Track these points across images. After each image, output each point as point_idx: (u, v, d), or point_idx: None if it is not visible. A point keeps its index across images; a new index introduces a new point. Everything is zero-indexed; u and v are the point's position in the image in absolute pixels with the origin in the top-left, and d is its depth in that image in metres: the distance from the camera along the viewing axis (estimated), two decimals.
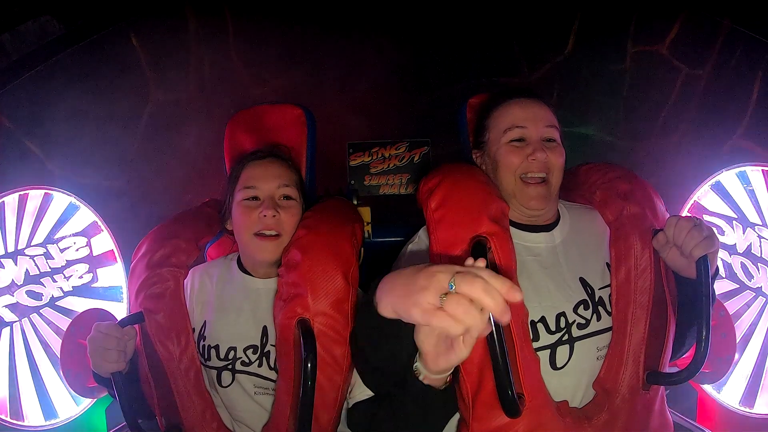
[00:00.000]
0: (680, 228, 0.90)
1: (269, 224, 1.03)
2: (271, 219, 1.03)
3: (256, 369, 1.05)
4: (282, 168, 1.10)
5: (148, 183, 1.81)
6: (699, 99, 1.78)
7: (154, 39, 1.81)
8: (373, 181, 1.97)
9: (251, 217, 1.04)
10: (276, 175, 1.08)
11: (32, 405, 1.50)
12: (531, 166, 0.99)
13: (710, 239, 0.90)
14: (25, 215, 1.54)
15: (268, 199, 1.05)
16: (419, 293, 0.61)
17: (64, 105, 1.69)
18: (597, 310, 0.98)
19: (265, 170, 1.08)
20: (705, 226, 0.91)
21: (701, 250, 0.89)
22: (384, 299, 0.68)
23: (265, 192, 1.06)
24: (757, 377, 1.48)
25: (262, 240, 1.04)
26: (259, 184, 1.06)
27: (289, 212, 1.06)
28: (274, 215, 1.03)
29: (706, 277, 0.89)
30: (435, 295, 0.59)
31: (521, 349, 0.88)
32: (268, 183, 1.06)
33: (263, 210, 1.03)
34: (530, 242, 1.02)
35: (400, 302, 0.64)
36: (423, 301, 0.60)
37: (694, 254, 0.89)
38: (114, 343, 0.96)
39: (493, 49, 1.92)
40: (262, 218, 1.03)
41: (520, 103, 1.04)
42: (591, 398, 0.96)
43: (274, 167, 1.09)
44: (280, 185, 1.07)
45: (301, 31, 1.88)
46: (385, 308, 0.68)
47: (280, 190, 1.07)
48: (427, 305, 0.59)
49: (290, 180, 1.09)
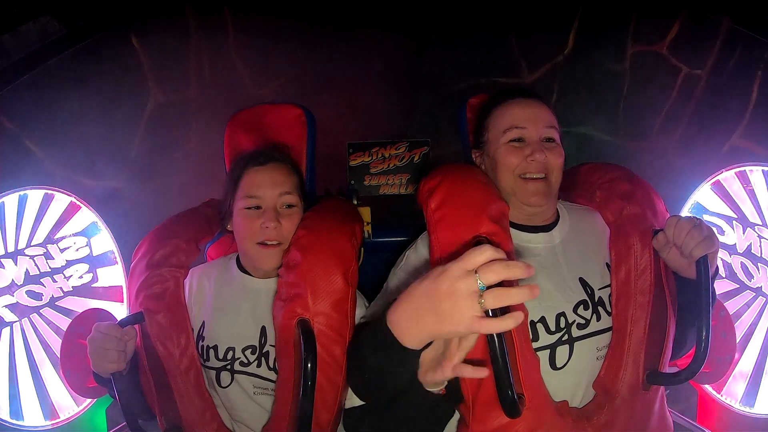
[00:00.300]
0: (680, 228, 0.90)
1: (271, 236, 1.04)
2: (273, 231, 1.03)
3: (255, 369, 1.05)
4: (283, 174, 1.10)
5: (148, 183, 1.81)
6: (699, 99, 1.78)
7: (155, 39, 1.81)
8: (373, 181, 1.97)
9: (253, 226, 1.04)
10: (278, 182, 1.07)
11: (32, 405, 1.50)
12: (530, 166, 0.99)
13: (710, 239, 0.89)
14: (25, 215, 1.54)
15: (271, 210, 1.05)
16: (456, 310, 0.58)
17: (64, 105, 1.69)
18: (597, 310, 0.98)
19: (267, 178, 1.07)
20: (705, 226, 0.91)
21: (701, 251, 0.89)
22: (410, 332, 0.66)
23: (267, 202, 1.06)
24: (757, 377, 1.48)
25: (265, 248, 1.04)
26: (261, 193, 1.06)
27: (290, 219, 1.06)
28: (276, 227, 1.03)
29: (706, 277, 0.89)
30: (474, 305, 0.58)
31: (521, 349, 0.88)
32: (270, 191, 1.06)
33: (266, 221, 1.03)
34: (529, 242, 1.02)
35: (437, 327, 0.62)
36: (466, 316, 0.58)
37: (693, 254, 0.89)
38: (114, 344, 0.96)
39: (493, 49, 1.92)
40: (265, 229, 1.03)
41: (519, 104, 1.04)
42: (591, 398, 0.96)
43: (276, 174, 1.09)
44: (282, 193, 1.07)
45: (302, 31, 1.88)
46: (414, 339, 0.66)
47: (282, 198, 1.07)
48: (471, 319, 0.58)
49: (292, 186, 1.09)
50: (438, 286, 0.60)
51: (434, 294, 0.61)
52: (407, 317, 0.66)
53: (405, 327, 0.67)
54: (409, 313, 0.66)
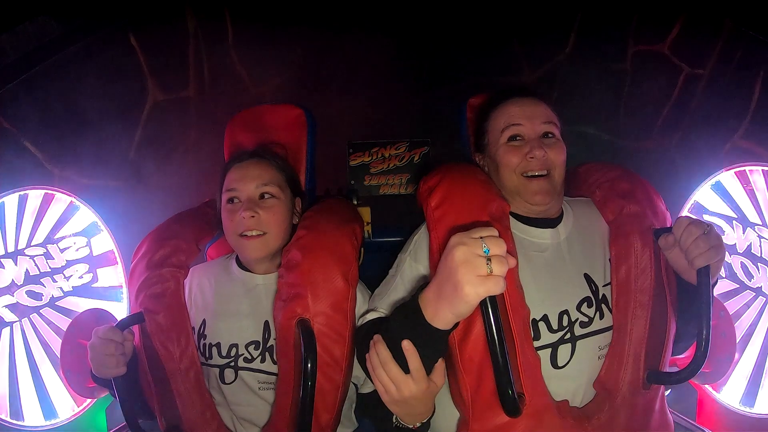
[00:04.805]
0: (689, 233, 0.89)
1: (249, 225, 1.04)
2: (250, 220, 1.04)
3: (258, 365, 1.05)
4: (262, 168, 1.10)
5: (148, 183, 1.81)
6: (700, 98, 1.77)
7: (154, 39, 1.80)
8: (373, 181, 1.96)
9: (233, 219, 1.06)
10: (255, 176, 1.08)
11: (32, 405, 1.50)
12: (530, 164, 0.99)
13: (716, 249, 0.87)
14: (25, 215, 1.54)
15: (247, 200, 1.06)
16: (468, 271, 0.65)
17: (63, 105, 1.69)
18: (600, 307, 0.98)
19: (243, 172, 1.09)
20: (714, 234, 0.89)
21: (704, 261, 0.87)
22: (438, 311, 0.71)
23: (243, 194, 1.07)
24: (757, 377, 1.48)
25: (247, 240, 1.05)
26: (238, 186, 1.07)
27: (270, 211, 1.06)
28: (252, 216, 1.04)
29: (707, 286, 0.88)
30: (483, 266, 0.66)
31: (522, 348, 0.88)
32: (246, 185, 1.07)
33: (241, 212, 1.04)
34: (536, 238, 1.02)
35: (455, 295, 0.67)
36: (474, 273, 0.65)
37: (695, 263, 0.88)
38: (113, 349, 0.96)
39: (493, 48, 1.91)
40: (242, 220, 1.04)
41: (515, 102, 1.04)
42: (591, 397, 0.96)
43: (254, 168, 1.10)
44: (259, 185, 1.07)
45: (301, 31, 1.87)
46: (440, 317, 0.71)
47: (259, 189, 1.08)
48: (477, 278, 0.65)
49: (270, 179, 1.09)
50: (454, 254, 0.67)
51: (451, 263, 0.67)
52: (434, 296, 0.71)
53: (433, 307, 0.71)
54: (434, 290, 0.71)
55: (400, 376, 0.74)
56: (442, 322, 0.71)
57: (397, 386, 0.74)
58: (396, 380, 0.74)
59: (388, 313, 0.97)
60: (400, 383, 0.74)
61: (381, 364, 0.74)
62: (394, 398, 0.76)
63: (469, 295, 0.66)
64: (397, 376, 0.74)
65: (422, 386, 0.75)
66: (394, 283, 1.01)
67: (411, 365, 0.74)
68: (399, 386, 0.74)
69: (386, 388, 0.75)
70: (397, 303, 0.96)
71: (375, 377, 0.76)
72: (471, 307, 0.68)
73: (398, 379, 0.74)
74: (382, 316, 0.97)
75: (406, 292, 0.99)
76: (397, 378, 0.74)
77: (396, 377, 0.74)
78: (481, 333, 0.86)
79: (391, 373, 0.74)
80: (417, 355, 0.73)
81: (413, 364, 0.73)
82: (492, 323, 0.68)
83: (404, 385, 0.74)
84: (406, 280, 1.00)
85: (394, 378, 0.74)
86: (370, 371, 0.77)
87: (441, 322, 0.71)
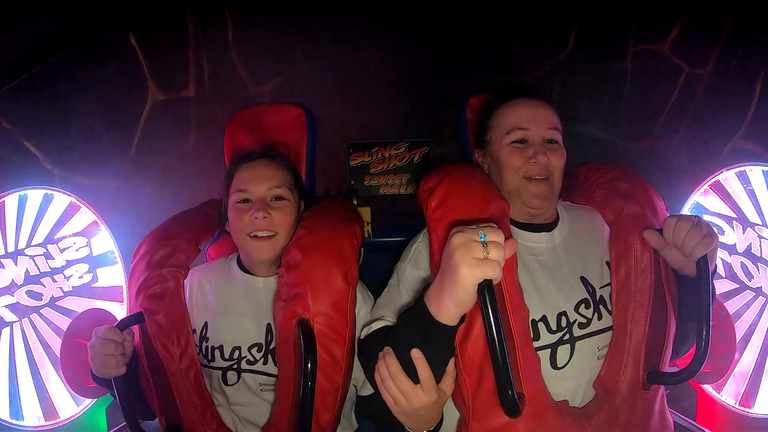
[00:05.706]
0: (680, 229, 0.90)
1: (260, 226, 1.05)
2: (262, 221, 1.04)
3: (261, 367, 1.05)
4: (274, 169, 1.10)
5: (148, 183, 1.81)
6: (700, 98, 1.77)
7: (153, 39, 1.80)
8: (373, 181, 1.96)
9: (243, 219, 1.05)
10: (267, 177, 1.08)
11: (32, 405, 1.50)
12: (532, 169, 0.99)
13: (710, 237, 0.89)
14: (25, 215, 1.54)
15: (259, 201, 1.06)
16: (465, 255, 0.66)
17: (63, 105, 1.69)
18: (598, 309, 0.98)
19: (255, 173, 1.09)
20: (704, 223, 0.91)
21: (701, 250, 0.88)
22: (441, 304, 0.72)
23: (255, 195, 1.07)
24: (757, 377, 1.48)
25: (257, 241, 1.05)
26: (250, 187, 1.07)
27: (281, 212, 1.07)
28: (264, 217, 1.04)
29: (707, 276, 0.89)
30: (479, 250, 0.67)
31: (521, 349, 0.87)
32: (258, 186, 1.07)
33: (254, 212, 1.04)
34: (531, 242, 1.02)
35: (455, 281, 0.68)
36: (470, 255, 0.66)
37: (694, 254, 0.89)
38: (113, 349, 0.96)
39: (493, 48, 1.91)
40: (254, 220, 1.04)
41: (523, 104, 1.04)
42: (591, 398, 0.96)
43: (266, 169, 1.10)
44: (271, 187, 1.08)
45: (301, 31, 1.87)
46: (445, 311, 0.72)
47: (271, 191, 1.08)
48: (473, 259, 0.66)
49: (282, 180, 1.09)
50: (452, 240, 0.69)
51: (449, 248, 0.69)
52: (437, 288, 0.72)
53: (437, 300, 0.72)
54: (437, 283, 0.72)
55: (410, 388, 0.74)
56: (446, 316, 0.72)
57: (407, 398, 0.74)
58: (406, 392, 0.74)
59: (394, 319, 0.97)
60: (410, 395, 0.74)
61: (390, 375, 0.74)
62: (404, 410, 0.75)
63: (466, 277, 0.67)
64: (407, 387, 0.74)
65: (432, 397, 0.75)
66: (396, 290, 1.02)
67: (421, 375, 0.73)
68: (409, 398, 0.74)
69: (396, 400, 0.75)
70: (402, 308, 0.96)
71: (384, 389, 0.76)
72: (469, 293, 0.68)
73: (408, 390, 0.74)
74: (388, 324, 0.97)
75: (409, 297, 0.99)
76: (407, 390, 0.74)
77: (406, 389, 0.74)
78: (481, 333, 0.86)
79: (402, 386, 0.74)
80: (426, 364, 0.73)
81: (423, 374, 0.73)
82: (492, 323, 0.68)
83: (414, 396, 0.74)
84: (409, 286, 1.00)
85: (404, 390, 0.74)
86: (378, 384, 0.77)
87: (445, 315, 0.72)
